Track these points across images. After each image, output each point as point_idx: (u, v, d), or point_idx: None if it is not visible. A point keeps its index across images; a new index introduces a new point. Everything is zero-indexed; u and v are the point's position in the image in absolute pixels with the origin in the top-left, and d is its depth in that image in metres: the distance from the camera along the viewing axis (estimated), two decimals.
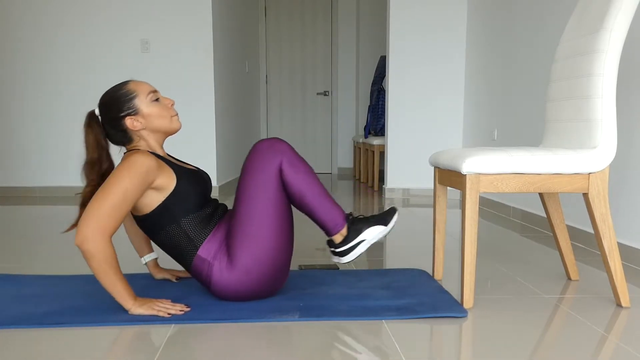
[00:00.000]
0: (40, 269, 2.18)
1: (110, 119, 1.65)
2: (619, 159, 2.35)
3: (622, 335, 1.47)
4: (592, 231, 2.56)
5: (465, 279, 1.67)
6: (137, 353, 1.34)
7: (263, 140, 1.67)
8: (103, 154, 1.65)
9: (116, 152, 1.76)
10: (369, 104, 6.19)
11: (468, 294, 1.67)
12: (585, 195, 1.71)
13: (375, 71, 5.48)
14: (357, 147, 6.19)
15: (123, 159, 1.57)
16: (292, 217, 1.69)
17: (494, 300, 1.76)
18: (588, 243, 2.58)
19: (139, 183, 1.51)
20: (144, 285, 1.88)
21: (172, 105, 1.72)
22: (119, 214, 1.49)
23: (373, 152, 5.13)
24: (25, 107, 4.57)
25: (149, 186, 1.55)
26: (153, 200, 1.59)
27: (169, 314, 1.55)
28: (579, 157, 1.66)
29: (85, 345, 1.39)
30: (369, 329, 1.50)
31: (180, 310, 1.58)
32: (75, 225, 1.59)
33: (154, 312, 1.55)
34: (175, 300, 1.69)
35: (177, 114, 1.72)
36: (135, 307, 1.55)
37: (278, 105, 6.95)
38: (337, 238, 1.69)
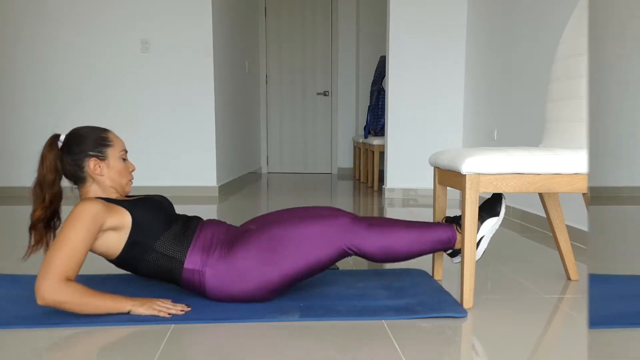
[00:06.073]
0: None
1: (76, 151, 1.64)
2: None
3: None
4: None
5: (465, 279, 1.67)
6: (137, 353, 1.34)
7: (342, 216, 1.67)
8: (57, 177, 1.63)
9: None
10: (369, 104, 6.19)
11: (468, 294, 1.67)
12: (585, 195, 1.71)
13: (375, 71, 5.48)
14: (357, 147, 6.19)
15: (72, 210, 1.57)
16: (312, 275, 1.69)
17: (494, 300, 1.76)
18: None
19: (86, 231, 1.52)
20: (144, 285, 1.88)
21: (133, 171, 1.75)
22: (73, 261, 1.49)
23: (373, 152, 5.13)
24: (25, 107, 4.57)
25: (100, 229, 1.56)
26: (118, 241, 1.60)
27: (169, 314, 1.56)
28: (579, 157, 1.66)
29: (85, 345, 1.39)
30: (369, 329, 1.50)
31: (181, 310, 1.58)
32: (32, 247, 1.61)
33: (155, 312, 1.55)
34: (175, 300, 1.69)
35: (132, 180, 1.75)
36: (136, 307, 1.55)
37: (278, 105, 6.95)
38: (457, 245, 1.74)
